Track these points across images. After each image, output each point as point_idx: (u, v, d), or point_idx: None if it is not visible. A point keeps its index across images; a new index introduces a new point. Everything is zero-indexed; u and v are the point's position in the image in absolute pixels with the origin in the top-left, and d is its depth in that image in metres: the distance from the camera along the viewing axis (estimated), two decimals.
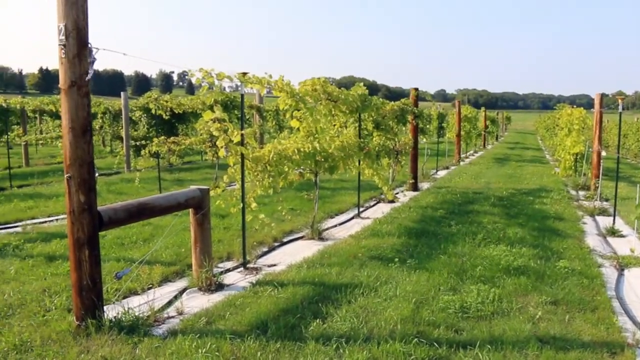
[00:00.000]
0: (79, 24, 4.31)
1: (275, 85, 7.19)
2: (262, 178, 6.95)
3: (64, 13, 4.28)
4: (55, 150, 23.71)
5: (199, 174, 16.45)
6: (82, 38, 4.33)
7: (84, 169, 4.42)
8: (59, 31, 4.31)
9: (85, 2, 4.35)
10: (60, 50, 4.32)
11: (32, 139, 18.72)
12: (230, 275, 6.62)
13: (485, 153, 28.77)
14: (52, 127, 25.18)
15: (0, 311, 5.23)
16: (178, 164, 18.64)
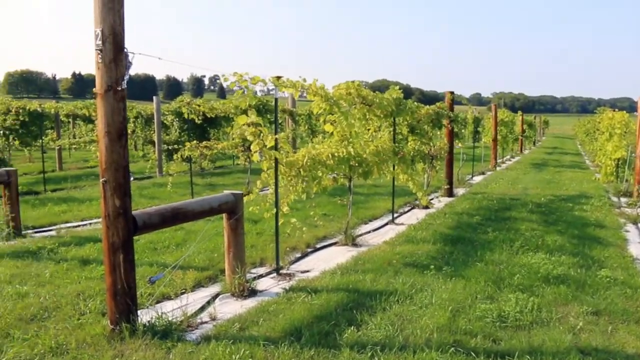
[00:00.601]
0: (115, 29, 4.38)
1: (309, 89, 7.22)
2: (295, 183, 6.98)
3: (100, 18, 4.36)
4: (88, 154, 24.07)
5: (230, 178, 16.58)
6: (118, 43, 4.41)
7: (119, 173, 4.49)
8: (95, 36, 4.39)
9: (122, 7, 4.42)
10: (97, 55, 4.40)
11: (66, 144, 19.05)
12: (263, 281, 6.66)
13: (522, 158, 28.48)
14: (85, 131, 25.61)
15: (37, 314, 5.34)
16: (210, 168, 18.80)
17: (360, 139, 8.47)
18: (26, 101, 18.37)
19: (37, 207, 11.30)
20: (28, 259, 7.32)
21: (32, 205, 11.45)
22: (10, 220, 8.70)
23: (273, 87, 6.63)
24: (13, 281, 6.35)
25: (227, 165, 21.03)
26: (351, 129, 8.04)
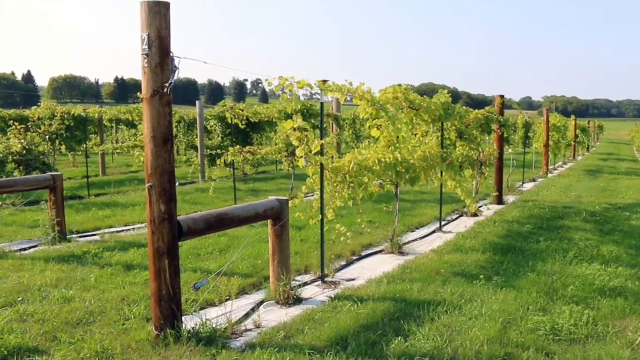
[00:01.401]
0: (161, 34, 4.47)
1: (355, 93, 7.24)
2: (341, 189, 7.00)
3: (147, 23, 4.45)
4: (131, 159, 24.47)
5: (274, 184, 16.68)
6: (164, 47, 4.49)
7: (164, 178, 4.57)
8: (142, 41, 4.48)
9: (168, 12, 4.51)
10: (143, 59, 4.49)
11: (109, 148, 19.44)
12: (308, 289, 6.69)
13: (575, 165, 27.99)
14: (128, 136, 26.09)
15: (82, 318, 5.46)
16: (252, 174, 18.97)
17: (408, 145, 8.44)
18: (71, 106, 18.83)
19: (81, 211, 11.55)
20: (73, 263, 7.49)
21: (77, 210, 11.70)
22: (56, 225, 8.92)
23: (318, 91, 6.67)
24: (59, 285, 6.51)
25: (270, 170, 21.17)
26: (398, 134, 8.03)
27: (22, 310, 5.64)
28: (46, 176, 9.16)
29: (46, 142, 16.79)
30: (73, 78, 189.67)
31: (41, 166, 13.58)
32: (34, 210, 11.56)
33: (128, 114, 18.56)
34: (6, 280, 6.72)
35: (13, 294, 6.15)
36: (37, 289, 6.38)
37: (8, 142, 14.09)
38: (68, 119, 17.54)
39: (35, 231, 9.42)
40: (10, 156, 13.32)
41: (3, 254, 7.97)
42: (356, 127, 24.23)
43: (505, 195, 14.52)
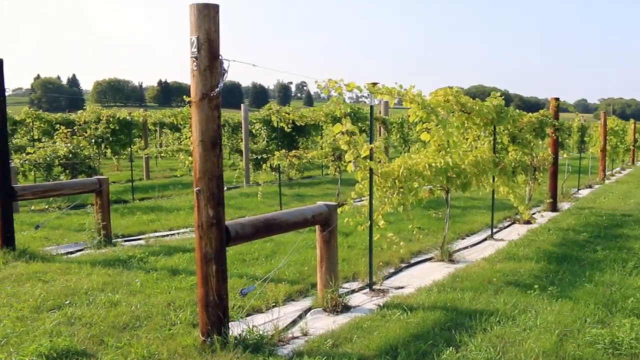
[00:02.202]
0: (210, 36, 4.53)
1: (405, 96, 7.23)
2: (390, 194, 6.99)
3: (196, 25, 4.52)
4: (174, 163, 24.85)
5: (319, 189, 16.73)
6: (213, 50, 4.56)
7: (213, 182, 4.64)
8: (191, 43, 4.55)
9: (217, 14, 4.57)
10: (192, 62, 4.57)
11: (154, 152, 19.77)
12: (355, 297, 6.69)
13: (634, 170, 27.39)
14: (171, 139, 26.44)
15: (129, 322, 5.56)
16: (298, 178, 19.04)
17: (459, 149, 8.39)
18: (115, 109, 19.20)
19: (126, 215, 11.77)
20: (119, 267, 7.63)
21: (121, 213, 11.92)
22: (101, 229, 9.10)
23: (365, 94, 6.68)
24: (105, 289, 6.64)
25: (316, 175, 21.24)
26: (449, 138, 7.98)
27: (70, 313, 5.77)
28: (92, 180, 9.36)
29: (91, 146, 17.15)
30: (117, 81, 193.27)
31: (87, 170, 13.89)
32: (80, 213, 11.81)
33: (172, 117, 18.85)
34: (54, 283, 6.89)
35: (61, 297, 6.30)
36: (83, 292, 6.52)
37: (54, 145, 14.43)
38: (113, 122, 17.90)
39: (81, 234, 9.64)
40: (56, 160, 13.65)
41: (50, 257, 8.18)
42: (404, 131, 24.15)
43: (559, 202, 14.30)
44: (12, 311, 5.85)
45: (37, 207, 12.81)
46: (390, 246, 8.10)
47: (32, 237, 9.44)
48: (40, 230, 9.88)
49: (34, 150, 14.21)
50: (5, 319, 5.63)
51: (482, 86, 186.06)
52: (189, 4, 4.55)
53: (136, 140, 23.00)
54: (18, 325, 5.46)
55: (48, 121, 18.80)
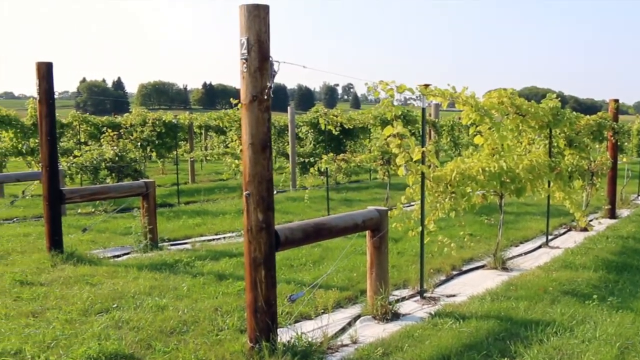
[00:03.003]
0: (260, 37, 4.57)
1: (458, 98, 7.18)
2: (442, 199, 6.94)
3: (246, 26, 4.56)
4: (219, 166, 25.07)
5: (367, 193, 16.70)
6: (263, 51, 4.59)
7: (262, 186, 4.67)
8: (240, 45, 4.60)
9: (267, 15, 4.61)
10: (242, 64, 4.61)
11: (200, 155, 20.00)
12: (406, 304, 6.66)
13: None
14: (217, 142, 26.71)
15: (176, 327, 5.64)
16: (345, 182, 19.04)
17: (513, 153, 8.29)
18: (161, 112, 19.48)
19: (171, 219, 11.92)
20: (165, 271, 7.74)
21: (167, 217, 12.08)
22: (147, 232, 9.24)
23: (414, 96, 6.66)
24: (152, 293, 6.74)
25: (363, 179, 21.20)
26: (503, 142, 7.90)
27: (117, 317, 5.88)
28: (139, 183, 9.52)
29: (137, 149, 17.44)
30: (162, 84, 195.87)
31: (133, 173, 14.13)
32: (126, 217, 12.01)
33: (218, 119, 19.01)
34: (101, 286, 7.02)
35: (108, 301, 6.42)
36: (130, 296, 6.63)
37: (101, 148, 14.72)
38: (159, 125, 18.18)
39: (128, 238, 9.79)
40: (103, 163, 13.92)
41: (97, 260, 8.33)
42: (454, 134, 23.97)
43: (618, 208, 14.00)
44: (61, 314, 5.99)
45: (84, 210, 13.06)
46: (441, 252, 8.03)
47: (79, 240, 9.63)
48: (87, 233, 10.07)
49: (81, 153, 14.52)
50: (55, 321, 5.76)
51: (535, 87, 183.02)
52: (239, 5, 4.60)
53: (181, 144, 23.30)
54: (67, 327, 5.59)
55: (94, 124, 19.18)
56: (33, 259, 8.31)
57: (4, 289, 6.90)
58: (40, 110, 8.42)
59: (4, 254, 8.70)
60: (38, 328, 5.59)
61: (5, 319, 5.86)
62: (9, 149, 16.15)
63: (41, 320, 5.85)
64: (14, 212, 12.86)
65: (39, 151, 15.48)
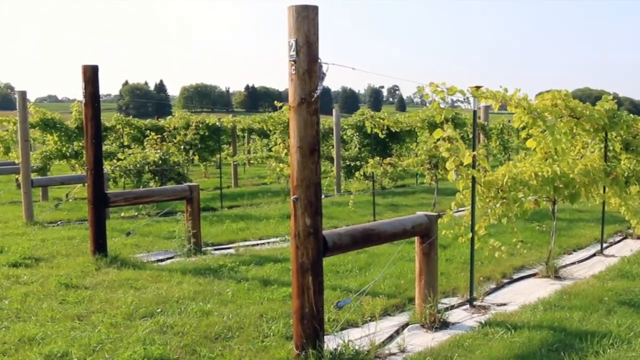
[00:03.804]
0: (309, 39, 4.60)
1: (510, 100, 7.11)
2: (493, 205, 6.88)
3: (295, 27, 4.59)
4: (262, 170, 25.19)
5: (414, 198, 16.62)
6: (312, 53, 4.62)
7: (310, 190, 4.69)
8: (289, 47, 4.63)
9: (316, 16, 4.63)
10: (291, 66, 4.64)
11: (243, 159, 20.13)
12: (455, 313, 6.62)
13: None
14: (260, 146, 26.86)
15: (221, 333, 5.70)
16: (391, 187, 18.98)
17: (567, 157, 8.18)
18: (204, 115, 19.68)
19: (215, 223, 12.02)
20: (209, 276, 7.81)
21: (210, 221, 12.19)
22: (191, 236, 9.34)
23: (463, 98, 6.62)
24: (196, 298, 6.82)
25: (410, 184, 21.10)
26: (557, 145, 7.78)
27: (162, 322, 5.96)
28: (183, 186, 9.63)
29: (180, 152, 17.64)
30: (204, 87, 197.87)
31: (176, 176, 14.31)
32: (169, 221, 12.15)
33: (262, 122, 19.13)
34: (145, 290, 7.12)
35: (152, 305, 6.52)
36: (175, 300, 6.72)
37: (144, 152, 14.93)
38: (202, 128, 18.35)
39: (171, 242, 9.91)
40: (146, 166, 14.11)
41: (141, 264, 8.46)
42: (504, 137, 23.69)
43: None
44: (105, 317, 6.10)
45: (127, 214, 13.26)
46: (491, 259, 7.96)
47: (123, 244, 9.78)
48: (130, 237, 10.23)
49: (124, 157, 14.74)
50: (100, 324, 5.87)
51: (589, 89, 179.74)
52: (288, 6, 4.63)
53: (224, 147, 23.48)
54: (112, 331, 5.69)
55: (138, 127, 19.44)
56: (78, 262, 8.47)
57: (50, 292, 7.06)
58: (85, 113, 8.59)
59: (49, 257, 8.90)
60: (84, 331, 5.71)
61: (51, 322, 6.00)
62: (54, 152, 16.45)
63: (86, 324, 5.96)
64: (58, 215, 13.13)
65: (83, 154, 15.85)
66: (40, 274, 7.93)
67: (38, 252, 9.22)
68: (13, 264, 8.37)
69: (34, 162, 15.38)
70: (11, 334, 5.66)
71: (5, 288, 7.25)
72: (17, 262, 8.44)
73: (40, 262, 8.64)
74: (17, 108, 12.46)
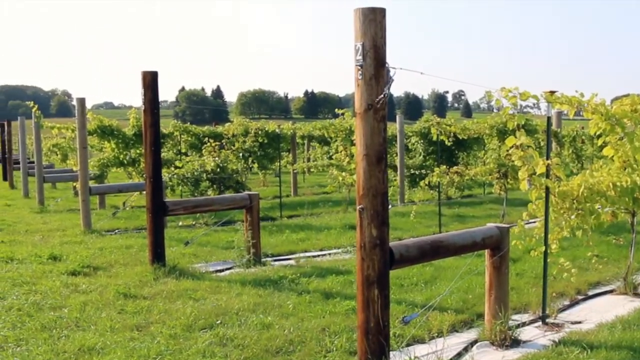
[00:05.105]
0: (376, 42, 4.60)
1: (587, 105, 6.99)
2: (568, 217, 6.76)
3: (361, 31, 4.60)
4: (322, 178, 25.27)
5: (481, 209, 16.43)
6: (379, 57, 4.61)
7: (377, 200, 4.68)
8: (355, 51, 4.64)
9: (384, 19, 4.63)
10: (357, 71, 4.65)
11: (303, 167, 20.21)
12: (526, 330, 6.51)
13: None
14: (320, 154, 26.93)
15: (282, 346, 5.73)
16: (457, 197, 18.80)
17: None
18: (263, 122, 19.84)
19: (274, 233, 12.10)
20: (269, 288, 7.87)
21: (269, 231, 12.27)
22: (251, 247, 9.41)
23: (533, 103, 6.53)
24: (257, 310, 6.87)
25: (476, 194, 20.87)
26: (636, 154, 7.61)
27: (222, 334, 6.03)
28: (243, 195, 9.73)
29: (239, 160, 17.81)
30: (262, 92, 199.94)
31: (234, 185, 14.45)
32: (227, 230, 12.28)
33: (323, 129, 19.22)
34: (204, 301, 7.22)
35: (212, 316, 6.60)
36: (234, 312, 6.78)
37: (202, 159, 15.13)
38: (261, 135, 18.51)
39: (229, 252, 10.01)
40: (204, 174, 14.29)
41: (200, 275, 8.57)
42: (577, 145, 23.27)
43: None
44: (165, 328, 6.20)
45: (185, 223, 13.45)
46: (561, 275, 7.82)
47: (181, 254, 9.93)
48: (188, 246, 10.37)
49: (182, 164, 14.96)
50: (159, 335, 5.98)
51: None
52: (354, 9, 4.64)
53: (283, 155, 23.64)
54: (171, 343, 5.79)
55: (195, 134, 19.71)
56: (136, 272, 8.63)
57: (109, 302, 7.21)
58: (144, 120, 8.74)
59: (107, 266, 9.09)
60: (143, 342, 5.82)
61: (110, 332, 6.13)
62: (111, 159, 16.80)
63: (145, 334, 6.07)
64: (115, 224, 13.41)
65: (140, 162, 16.16)
66: (98, 282, 8.11)
67: (96, 260, 9.44)
68: (72, 273, 8.59)
69: (91, 169, 15.71)
70: (71, 342, 5.81)
71: (64, 296, 7.45)
72: (75, 271, 8.66)
73: (99, 270, 8.84)
74: (75, 115, 12.80)
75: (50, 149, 24.48)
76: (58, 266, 9.00)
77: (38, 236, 11.84)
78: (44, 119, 17.06)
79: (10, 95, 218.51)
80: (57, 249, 10.24)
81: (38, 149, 17.46)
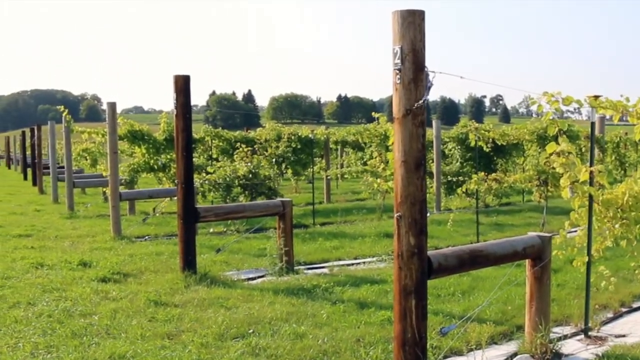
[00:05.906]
0: (415, 46, 4.58)
1: (633, 110, 6.90)
2: (612, 226, 6.68)
3: (400, 34, 4.59)
4: (356, 185, 25.23)
5: (520, 217, 16.29)
6: (418, 61, 4.60)
7: (415, 207, 4.66)
8: (394, 54, 4.63)
9: (423, 22, 4.61)
10: (395, 75, 4.64)
11: (337, 173, 20.19)
12: (567, 343, 6.43)
13: None
14: (354, 159, 26.89)
15: (316, 357, 5.74)
16: (495, 205, 18.67)
17: None
18: (296, 127, 19.87)
19: (307, 241, 12.11)
20: (303, 297, 7.87)
21: (302, 239, 12.28)
22: (283, 255, 9.42)
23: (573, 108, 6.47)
24: (289, 319, 6.88)
25: (515, 202, 20.71)
26: None
27: (254, 343, 6.05)
28: (276, 202, 9.75)
29: (271, 166, 17.85)
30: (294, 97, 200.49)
31: (267, 191, 14.48)
32: (259, 237, 12.31)
33: (357, 135, 19.18)
34: (236, 310, 7.24)
35: (244, 326, 6.62)
36: (267, 321, 6.80)
37: (234, 164, 15.19)
38: (294, 140, 18.53)
39: (262, 260, 10.04)
40: (236, 180, 14.34)
41: (231, 283, 8.60)
42: (620, 152, 23.00)
43: None
44: (196, 337, 6.24)
45: (216, 230, 13.51)
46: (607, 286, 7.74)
47: (212, 261, 9.98)
48: (220, 254, 10.41)
49: (214, 170, 15.03)
50: (190, 344, 6.01)
51: None
52: (392, 11, 4.63)
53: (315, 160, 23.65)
54: (203, 352, 5.82)
55: (227, 139, 19.77)
56: (166, 279, 8.69)
57: (139, 309, 7.27)
58: (176, 125, 8.80)
59: (138, 273, 9.17)
60: (174, 350, 5.86)
61: (141, 340, 6.18)
62: (141, 164, 16.91)
63: (177, 343, 6.12)
64: (145, 230, 13.52)
65: (170, 167, 16.27)
66: (129, 289, 8.19)
67: (126, 267, 9.53)
68: (102, 279, 8.68)
69: (121, 174, 15.83)
70: (102, 350, 5.87)
71: (94, 303, 7.52)
72: (105, 277, 8.75)
73: (129, 277, 8.92)
74: (104, 119, 12.94)
75: (79, 154, 24.76)
76: (88, 272, 9.11)
77: (68, 242, 11.99)
78: (73, 123, 17.26)
79: (39, 99, 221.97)
80: (87, 255, 10.36)
81: (68, 153, 17.64)
